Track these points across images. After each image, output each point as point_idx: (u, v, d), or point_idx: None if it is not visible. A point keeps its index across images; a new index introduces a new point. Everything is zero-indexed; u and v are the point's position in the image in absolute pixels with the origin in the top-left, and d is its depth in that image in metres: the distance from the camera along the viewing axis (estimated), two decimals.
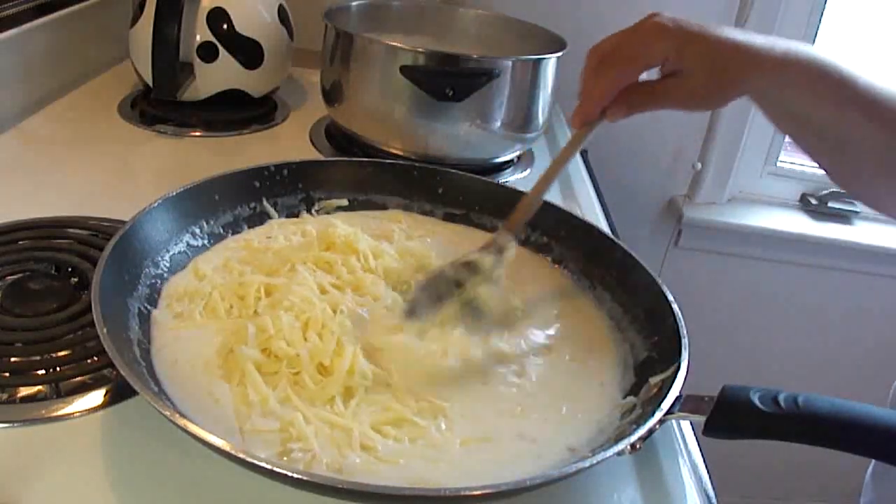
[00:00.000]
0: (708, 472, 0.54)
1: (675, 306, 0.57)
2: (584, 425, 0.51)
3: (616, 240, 0.67)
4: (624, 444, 0.45)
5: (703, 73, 0.55)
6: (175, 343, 0.53)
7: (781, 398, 0.46)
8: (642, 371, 0.56)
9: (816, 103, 0.55)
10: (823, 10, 1.31)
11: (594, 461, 0.43)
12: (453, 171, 0.75)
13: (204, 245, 0.64)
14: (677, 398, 0.48)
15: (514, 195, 0.73)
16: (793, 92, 0.55)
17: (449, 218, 0.74)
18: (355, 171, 0.74)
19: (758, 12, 1.27)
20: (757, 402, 0.47)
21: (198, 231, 0.64)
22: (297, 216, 0.71)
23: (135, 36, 0.94)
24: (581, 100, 0.58)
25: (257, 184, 0.69)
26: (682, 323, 0.55)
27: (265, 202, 0.70)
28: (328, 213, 0.73)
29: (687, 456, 0.54)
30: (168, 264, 0.60)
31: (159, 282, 0.59)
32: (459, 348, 0.55)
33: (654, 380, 0.53)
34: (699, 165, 1.42)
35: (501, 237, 0.59)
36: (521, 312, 0.61)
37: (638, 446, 0.46)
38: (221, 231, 0.66)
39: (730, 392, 0.48)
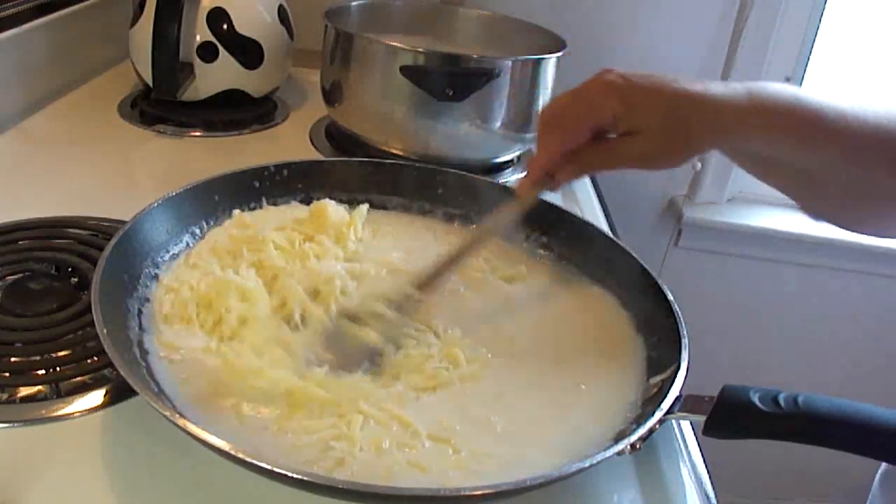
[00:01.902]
0: (708, 472, 0.54)
1: (675, 306, 0.57)
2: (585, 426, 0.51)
3: (616, 240, 0.67)
4: (624, 444, 0.45)
5: (659, 131, 0.51)
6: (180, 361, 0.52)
7: (781, 398, 0.46)
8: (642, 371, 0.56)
9: (784, 146, 0.52)
10: (823, 9, 1.31)
11: (594, 461, 0.43)
12: (453, 171, 0.75)
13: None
14: (677, 398, 0.48)
15: (513, 195, 0.73)
16: (759, 140, 0.52)
17: (449, 218, 0.74)
18: (355, 171, 0.74)
19: (758, 12, 1.27)
20: (757, 402, 0.47)
21: (198, 231, 0.64)
22: None
23: (135, 36, 0.94)
24: (528, 164, 0.55)
25: (257, 184, 0.69)
26: (682, 323, 0.55)
27: (265, 202, 0.69)
28: None
29: (687, 456, 0.54)
30: (168, 264, 0.60)
31: (158, 282, 0.59)
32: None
33: (654, 380, 0.53)
34: (699, 165, 1.41)
35: (411, 296, 0.56)
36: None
37: (638, 446, 0.46)
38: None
39: (730, 392, 0.48)
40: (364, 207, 0.70)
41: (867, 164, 0.53)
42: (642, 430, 0.46)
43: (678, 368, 0.51)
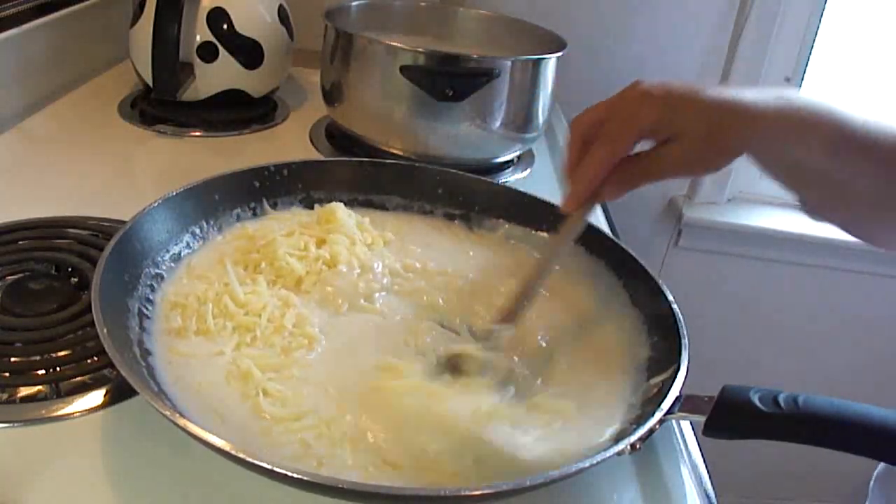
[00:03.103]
0: (708, 472, 0.54)
1: (675, 306, 0.57)
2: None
3: (616, 240, 0.67)
4: (624, 444, 0.45)
5: (697, 137, 0.51)
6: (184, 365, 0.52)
7: (781, 398, 0.46)
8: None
9: (812, 152, 0.52)
10: (823, 9, 1.31)
11: (594, 461, 0.43)
12: (453, 171, 0.75)
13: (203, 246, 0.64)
14: (677, 398, 0.48)
15: (514, 195, 0.74)
16: (788, 145, 0.52)
17: (449, 218, 0.74)
18: (355, 171, 0.74)
19: (758, 12, 1.27)
20: (757, 402, 0.47)
21: (198, 231, 0.64)
22: None
23: (135, 36, 0.94)
24: (571, 182, 0.55)
25: (257, 184, 0.69)
26: (682, 323, 0.55)
27: (265, 202, 0.69)
28: None
29: (687, 456, 0.54)
30: (168, 264, 0.60)
31: (159, 282, 0.58)
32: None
33: (654, 380, 0.53)
34: None
35: (498, 331, 0.57)
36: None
37: (638, 446, 0.46)
38: (221, 231, 0.66)
39: (730, 392, 0.48)
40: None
41: (892, 177, 0.53)
42: (642, 430, 0.46)
43: (678, 368, 0.51)
